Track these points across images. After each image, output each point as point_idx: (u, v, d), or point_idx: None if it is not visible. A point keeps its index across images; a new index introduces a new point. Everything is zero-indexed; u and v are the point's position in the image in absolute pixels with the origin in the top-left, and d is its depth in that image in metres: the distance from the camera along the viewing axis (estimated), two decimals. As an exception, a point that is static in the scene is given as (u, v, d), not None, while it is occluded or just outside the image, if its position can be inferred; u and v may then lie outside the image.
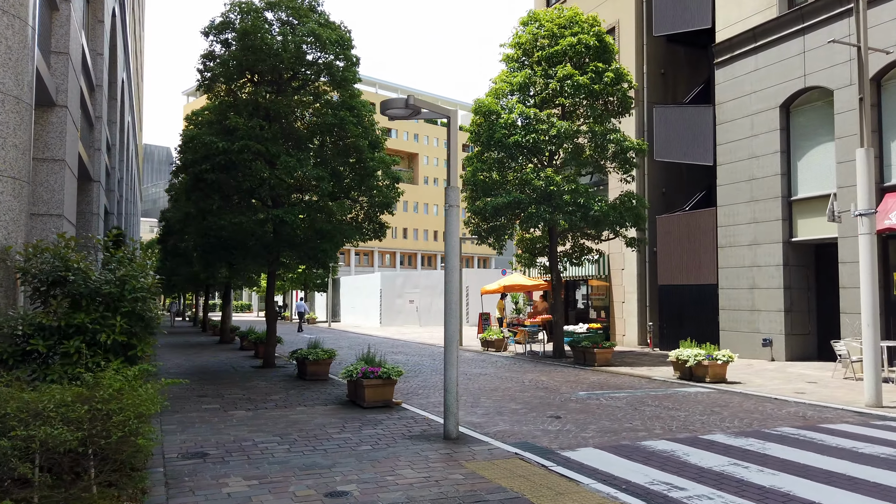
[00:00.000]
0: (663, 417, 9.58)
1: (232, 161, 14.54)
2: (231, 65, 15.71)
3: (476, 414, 9.98)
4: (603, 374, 15.34)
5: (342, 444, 7.65)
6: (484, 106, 18.55)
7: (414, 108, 7.93)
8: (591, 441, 8.01)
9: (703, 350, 13.63)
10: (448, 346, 8.14)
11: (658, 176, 22.53)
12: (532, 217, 17.20)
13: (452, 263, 8.23)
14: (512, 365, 17.39)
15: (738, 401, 11.21)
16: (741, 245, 18.31)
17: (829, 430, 8.60)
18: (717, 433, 8.45)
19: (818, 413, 10.03)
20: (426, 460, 6.93)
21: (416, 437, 8.07)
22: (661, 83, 22.94)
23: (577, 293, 26.26)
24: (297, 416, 9.56)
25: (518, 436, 8.36)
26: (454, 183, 8.29)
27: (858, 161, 10.90)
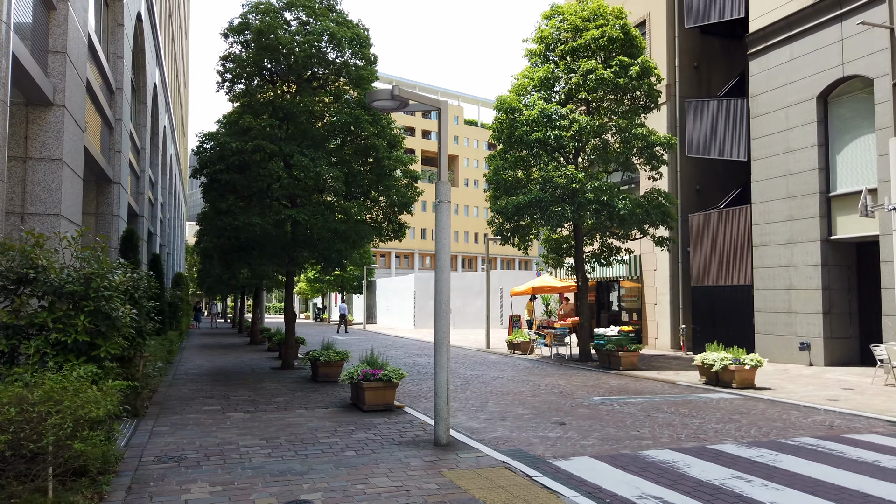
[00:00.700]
0: (675, 425, 9.03)
1: (245, 161, 14.49)
2: (248, 65, 15.69)
3: (478, 419, 9.59)
4: (626, 378, 14.75)
5: (326, 450, 7.36)
6: (506, 103, 18.13)
7: (400, 99, 7.60)
8: (590, 450, 7.54)
9: (731, 354, 12.95)
10: (438, 347, 7.78)
11: (692, 173, 21.73)
12: (554, 216, 16.70)
13: (443, 262, 7.87)
14: (533, 368, 16.90)
15: (762, 408, 10.55)
16: (777, 244, 17.45)
17: (853, 441, 7.94)
18: (728, 443, 7.88)
19: (847, 422, 9.33)
20: (406, 468, 6.58)
21: (405, 443, 7.73)
22: (695, 77, 22.13)
23: (609, 294, 25.55)
24: (294, 419, 9.32)
25: (514, 442, 7.95)
26: (444, 177, 7.94)
27: (893, 152, 10.15)
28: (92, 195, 15.37)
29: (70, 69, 9.80)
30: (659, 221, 17.49)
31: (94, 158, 13.05)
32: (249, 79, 16.10)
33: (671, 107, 21.75)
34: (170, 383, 13.30)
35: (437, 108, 7.94)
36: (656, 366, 16.84)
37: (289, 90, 16.34)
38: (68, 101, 9.71)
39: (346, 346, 24.48)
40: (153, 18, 22.71)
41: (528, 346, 21.00)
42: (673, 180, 21.57)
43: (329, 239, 14.96)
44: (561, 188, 16.70)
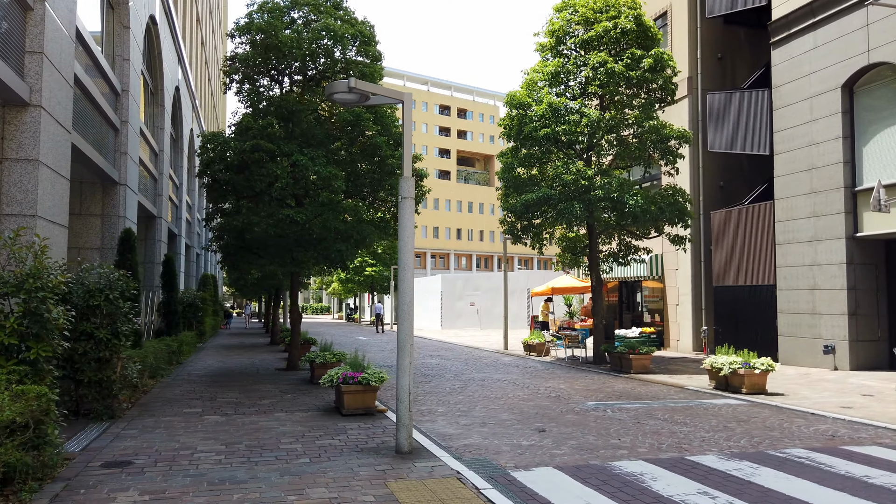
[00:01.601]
0: (662, 433, 8.51)
1: (245, 161, 14.38)
2: (252, 65, 15.60)
3: (458, 424, 9.22)
4: (633, 381, 14.18)
5: (281, 457, 7.10)
6: (515, 99, 17.69)
7: (360, 92, 7.29)
8: (558, 459, 7.11)
9: (741, 357, 12.29)
10: (401, 350, 7.45)
11: (715, 168, 20.92)
12: (562, 214, 16.20)
13: (406, 260, 7.54)
14: (541, 371, 16.42)
15: (765, 415, 9.93)
16: (800, 241, 16.62)
17: (848, 454, 7.33)
18: (711, 453, 7.36)
19: (853, 432, 8.68)
20: (352, 478, 6.26)
21: (367, 450, 7.42)
22: (719, 68, 21.31)
23: (632, 295, 24.84)
24: (268, 423, 9.09)
25: (482, 450, 7.56)
26: (407, 173, 7.60)
27: (905, 141, 9.42)
28: (97, 197, 15.49)
29: (49, 69, 9.76)
30: (675, 219, 16.82)
31: (91, 159, 13.09)
32: (254, 79, 16.02)
33: (693, 100, 20.98)
34: (168, 384, 13.25)
35: (399, 101, 7.60)
36: (671, 369, 16.20)
37: (293, 89, 16.21)
38: (47, 101, 9.67)
39: (364, 347, 24.34)
40: (172, 22, 22.88)
41: (542, 347, 20.49)
42: (695, 176, 20.80)
43: (330, 239, 14.75)
44: (570, 185, 16.18)
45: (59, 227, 10.38)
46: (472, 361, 18.99)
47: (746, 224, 18.55)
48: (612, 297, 25.57)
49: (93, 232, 15.23)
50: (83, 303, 9.10)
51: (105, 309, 9.24)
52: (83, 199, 15.35)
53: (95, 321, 9.26)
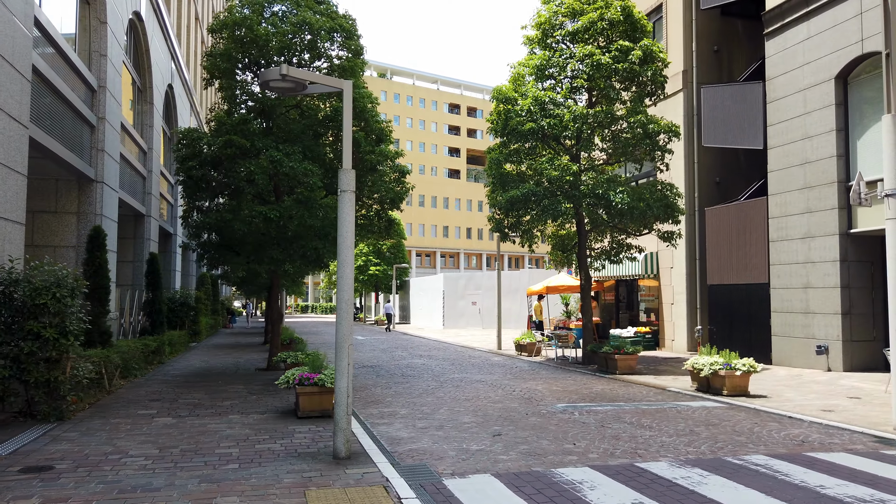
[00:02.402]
0: (621, 438, 8.12)
1: (218, 157, 14.13)
2: (231, 60, 15.33)
3: (414, 427, 8.87)
4: (616, 382, 13.76)
5: (211, 462, 6.80)
6: (501, 93, 17.30)
7: (294, 80, 6.96)
8: (501, 466, 6.75)
9: (721, 358, 11.85)
10: (338, 350, 7.11)
11: (711, 164, 20.39)
12: (546, 210, 15.80)
13: (345, 257, 7.21)
14: (526, 372, 16.04)
15: (739, 419, 9.49)
16: (794, 238, 16.10)
17: (810, 461, 6.90)
18: (664, 460, 6.96)
19: (826, 437, 8.23)
20: (273, 485, 5.94)
21: (304, 455, 7.10)
22: (715, 62, 20.78)
23: (629, 294, 24.34)
24: (218, 425, 8.80)
25: (425, 456, 7.21)
26: (347, 165, 7.26)
27: (885, 130, 8.97)
28: (73, 194, 15.29)
29: None
30: (663, 216, 16.36)
31: (60, 156, 12.87)
32: (231, 74, 15.75)
33: (688, 94, 20.47)
34: (138, 384, 13.01)
35: (338, 89, 7.27)
36: (659, 370, 15.74)
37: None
38: (-5, 96, 9.45)
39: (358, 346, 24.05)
40: (161, 19, 22.69)
41: (533, 347, 20.09)
42: (689, 172, 20.29)
43: (307, 237, 14.46)
44: (554, 181, 15.78)
45: (14, 224, 10.15)
46: (459, 362, 18.64)
47: (740, 221, 18.04)
48: (609, 296, 25.10)
49: (68, 230, 15.04)
50: (30, 301, 8.87)
51: (52, 308, 8.99)
52: (59, 197, 15.17)
53: (43, 320, 9.02)
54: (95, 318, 13.06)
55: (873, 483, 6.04)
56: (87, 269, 13.12)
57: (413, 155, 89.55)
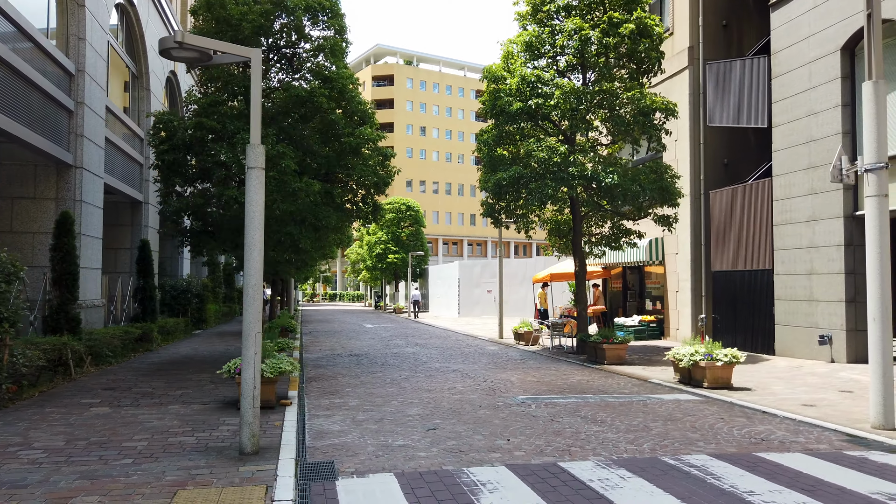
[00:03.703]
0: (564, 433, 7.53)
1: (189, 141, 13.80)
2: (207, 41, 14.95)
3: (354, 420, 8.40)
4: (599, 373, 13.12)
5: (107, 456, 6.43)
6: (491, 72, 16.64)
7: (194, 48, 6.49)
8: (413, 463, 6.24)
9: (703, 348, 11.12)
10: (245, 339, 6.67)
11: (718, 144, 19.41)
12: (533, 193, 15.14)
13: (253, 238, 6.74)
14: (512, 361, 15.47)
15: (706, 413, 8.81)
16: (798, 222, 15.17)
17: (755, 463, 6.23)
18: (594, 459, 6.36)
19: (792, 435, 7.53)
20: (151, 484, 5.54)
21: (211, 450, 6.68)
22: (723, 37, 19.74)
23: (636, 281, 23.51)
24: (148, 416, 8.45)
25: (340, 452, 6.73)
26: (255, 140, 6.78)
27: (865, 99, 8.15)
28: (52, 180, 15.15)
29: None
30: (657, 198, 15.57)
31: (28, 141, 12.68)
32: (212, 56, 15.37)
33: (694, 72, 19.49)
34: (108, 372, 12.79)
35: (245, 58, 6.78)
36: (652, 360, 15.03)
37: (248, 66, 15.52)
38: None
39: (359, 335, 23.77)
40: (160, 5, 22.49)
41: (530, 336, 19.47)
42: (695, 153, 19.35)
43: (279, 221, 14.06)
44: (542, 163, 15.10)
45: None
46: (451, 350, 18.13)
47: (745, 204, 17.12)
48: (617, 284, 24.30)
49: (47, 216, 14.90)
50: (-39, 287, 8.64)
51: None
52: (37, 183, 15.04)
53: (-24, 307, 8.78)
54: (62, 304, 12.89)
55: (813, 490, 5.37)
56: (54, 254, 12.92)
57: (440, 142, 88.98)
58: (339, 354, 17.02)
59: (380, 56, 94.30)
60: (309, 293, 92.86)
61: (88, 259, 15.68)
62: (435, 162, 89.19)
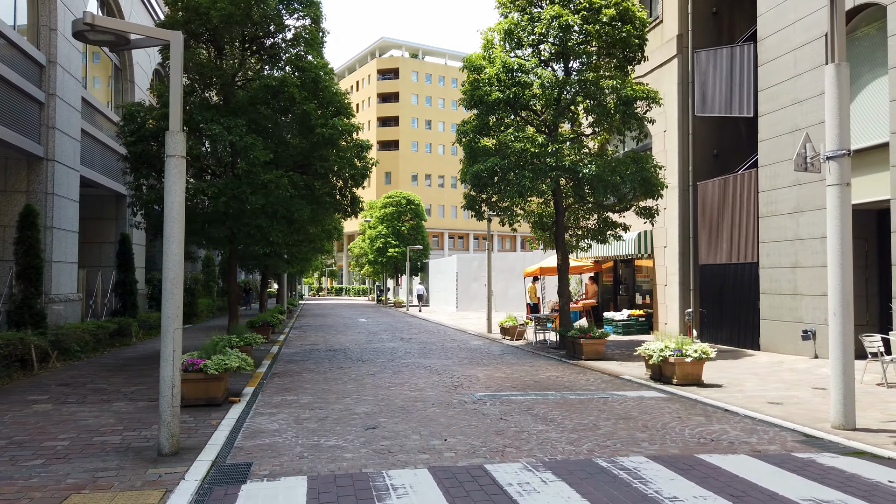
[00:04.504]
0: (506, 433, 7.23)
1: (155, 131, 13.58)
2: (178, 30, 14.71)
3: (297, 418, 8.14)
4: (572, 369, 12.80)
5: (19, 457, 6.22)
6: (471, 61, 16.28)
7: (107, 30, 6.22)
8: (333, 466, 5.97)
9: (673, 344, 10.77)
10: (163, 336, 6.41)
11: (707, 135, 18.94)
12: (511, 184, 14.81)
13: (172, 231, 6.48)
14: (489, 357, 15.17)
15: (664, 412, 8.48)
16: (783, 213, 14.75)
17: (690, 465, 5.91)
18: (525, 461, 6.06)
19: (745, 435, 7.19)
20: (46, 487, 5.31)
21: (129, 451, 6.45)
22: (713, 24, 19.26)
23: (627, 275, 23.11)
24: (87, 414, 8.24)
25: (264, 453, 6.47)
26: (175, 127, 6.50)
27: (828, 83, 7.77)
28: (23, 173, 14.98)
29: None
30: (638, 189, 15.19)
31: None
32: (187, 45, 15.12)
33: (683, 61, 19.03)
34: (74, 367, 12.59)
35: (166, 41, 6.51)
36: (632, 355, 14.66)
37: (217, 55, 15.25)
38: None
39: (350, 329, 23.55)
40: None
41: (514, 330, 19.16)
42: (684, 143, 18.90)
43: (249, 214, 13.82)
44: (519, 154, 14.76)
45: None
46: (432, 345, 17.84)
47: (732, 196, 16.70)
48: (608, 278, 23.93)
49: (17, 209, 14.70)
50: None
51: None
52: (7, 176, 14.88)
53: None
54: (26, 299, 12.73)
55: (741, 496, 5.05)
56: (17, 248, 12.75)
57: (446, 136, 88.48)
58: (318, 349, 16.78)
59: (385, 49, 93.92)
60: (315, 287, 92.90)
61: (62, 253, 15.52)
62: (441, 156, 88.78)
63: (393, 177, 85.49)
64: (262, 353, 15.47)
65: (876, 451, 6.46)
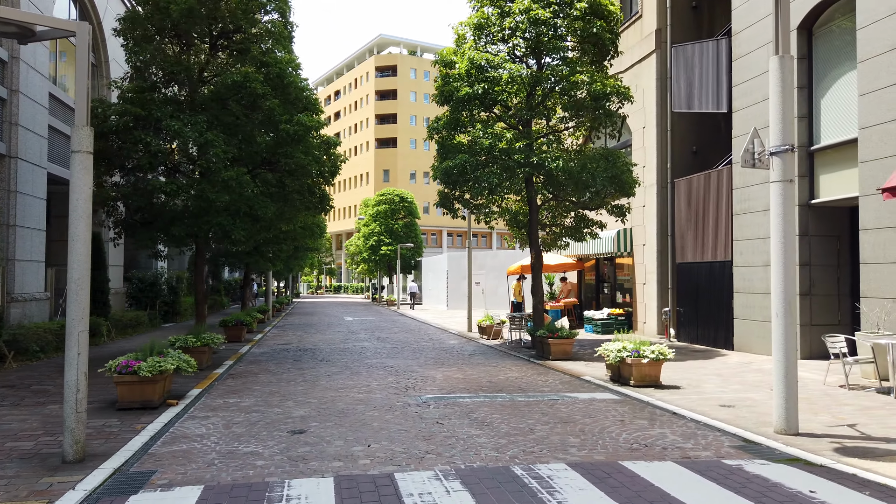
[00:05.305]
0: (435, 438, 6.99)
1: (114, 128, 13.37)
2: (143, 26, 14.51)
3: (226, 422, 7.91)
4: (536, 369, 12.56)
5: (-80, 462, 5.99)
6: (443, 57, 16.02)
7: (11, 23, 5.99)
8: (241, 473, 5.74)
9: (631, 345, 10.52)
10: (68, 338, 6.20)
11: (686, 131, 18.66)
12: (479, 181, 14.55)
13: (77, 230, 6.26)
14: (457, 357, 14.95)
15: (609, 415, 8.23)
16: (756, 211, 14.47)
17: (608, 473, 5.66)
18: (438, 468, 5.82)
19: (683, 440, 6.94)
20: (-72, 495, 5.08)
21: (36, 458, 6.25)
22: (693, 19, 18.97)
23: (610, 273, 22.84)
24: (14, 417, 8.07)
25: (174, 460, 6.25)
26: (80, 121, 6.28)
27: (772, 75, 7.52)
28: (-16, 171, 14.78)
29: None
30: (611, 187, 14.91)
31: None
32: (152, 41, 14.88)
33: (661, 56, 18.76)
34: (32, 367, 12.42)
35: (71, 32, 6.27)
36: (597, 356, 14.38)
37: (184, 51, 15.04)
38: None
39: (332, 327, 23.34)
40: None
41: (491, 329, 18.92)
42: (662, 140, 18.63)
43: (210, 212, 13.60)
44: (486, 150, 14.51)
45: None
46: (406, 345, 17.61)
47: (707, 193, 16.42)
48: (591, 276, 23.66)
49: None
50: None
51: None
52: (-30, 174, 14.68)
53: None
54: (-21, 298, 12.53)
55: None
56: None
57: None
58: (288, 349, 16.56)
59: (383, 46, 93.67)
60: (314, 285, 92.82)
61: (27, 251, 15.33)
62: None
63: (391, 174, 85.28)
64: (228, 353, 15.27)
65: (811, 457, 6.21)
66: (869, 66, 11.46)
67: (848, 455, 6.28)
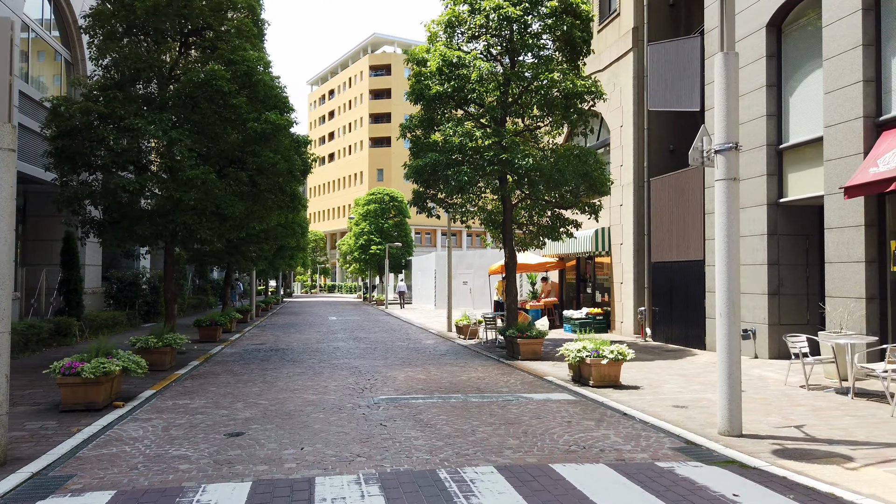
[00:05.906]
0: (371, 441, 6.88)
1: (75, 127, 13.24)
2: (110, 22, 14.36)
3: (168, 424, 7.80)
4: (502, 369, 12.47)
5: None
6: (414, 55, 15.92)
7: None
8: (160, 478, 5.64)
9: (591, 345, 10.42)
10: (-9, 339, 6.07)
11: (663, 130, 18.56)
12: (449, 180, 14.45)
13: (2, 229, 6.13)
14: (427, 357, 14.84)
15: (557, 416, 8.13)
16: (727, 209, 14.35)
17: (532, 476, 5.56)
18: (364, 471, 5.72)
19: (625, 442, 6.84)
20: None
21: (-39, 459, 6.11)
22: (670, 17, 18.87)
23: (590, 272, 22.75)
24: (-44, 418, 7.89)
25: (100, 464, 6.13)
26: (3, 118, 6.15)
27: (717, 72, 7.42)
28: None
29: None
30: (584, 186, 14.82)
31: None
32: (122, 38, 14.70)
33: (638, 54, 18.66)
34: None
35: (-7, 32, 6.15)
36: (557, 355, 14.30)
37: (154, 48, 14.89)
38: None
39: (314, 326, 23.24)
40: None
41: (468, 329, 18.83)
42: (639, 139, 18.54)
43: (175, 211, 13.46)
44: (458, 148, 14.41)
45: None
46: (381, 345, 17.50)
47: (681, 192, 16.32)
48: (571, 275, 23.56)
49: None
50: None
51: None
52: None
53: None
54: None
55: (560, 513, 4.71)
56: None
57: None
58: (261, 350, 16.44)
59: (377, 45, 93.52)
60: (308, 285, 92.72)
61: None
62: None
63: (385, 173, 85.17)
64: (198, 353, 15.17)
65: (747, 460, 6.11)
66: (834, 64, 11.37)
67: (785, 457, 6.19)
